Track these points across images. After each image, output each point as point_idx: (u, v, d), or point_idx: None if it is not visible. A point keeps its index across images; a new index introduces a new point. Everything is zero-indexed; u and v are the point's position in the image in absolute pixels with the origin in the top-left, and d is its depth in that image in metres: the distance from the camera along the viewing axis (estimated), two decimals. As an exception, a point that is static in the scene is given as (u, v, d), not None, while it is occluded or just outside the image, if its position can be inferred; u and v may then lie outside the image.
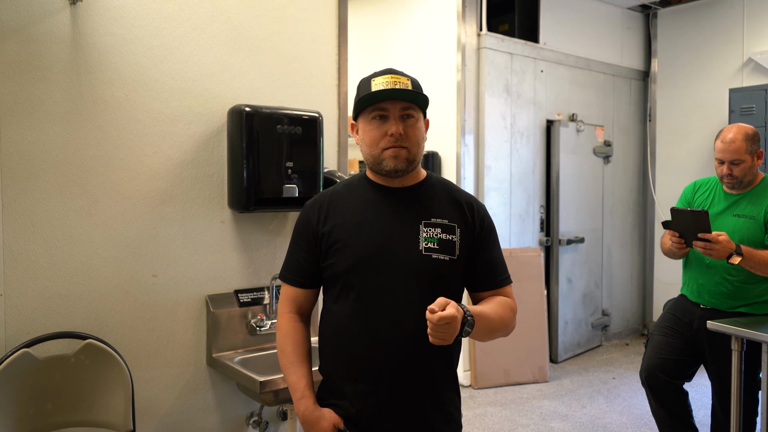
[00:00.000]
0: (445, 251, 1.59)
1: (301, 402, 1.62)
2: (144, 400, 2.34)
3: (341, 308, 1.62)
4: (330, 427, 1.60)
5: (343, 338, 1.61)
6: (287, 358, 1.67)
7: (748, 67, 5.25)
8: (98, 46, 2.22)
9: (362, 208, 1.62)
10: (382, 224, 1.60)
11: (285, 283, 1.72)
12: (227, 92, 2.52)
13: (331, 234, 1.61)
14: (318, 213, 1.65)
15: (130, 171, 2.31)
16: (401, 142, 1.55)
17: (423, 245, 1.58)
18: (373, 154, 1.59)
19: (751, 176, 2.84)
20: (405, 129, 1.56)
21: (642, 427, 3.90)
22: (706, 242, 2.64)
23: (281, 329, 1.70)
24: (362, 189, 1.66)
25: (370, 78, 1.60)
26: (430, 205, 1.63)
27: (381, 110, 1.57)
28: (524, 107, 5.04)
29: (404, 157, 1.57)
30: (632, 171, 6.07)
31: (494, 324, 1.57)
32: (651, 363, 3.01)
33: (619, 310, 5.95)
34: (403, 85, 1.56)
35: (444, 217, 1.62)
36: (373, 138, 1.58)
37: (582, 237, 5.40)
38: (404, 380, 1.57)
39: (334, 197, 1.67)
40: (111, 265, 2.27)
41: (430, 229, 1.59)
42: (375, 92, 1.55)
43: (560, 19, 5.33)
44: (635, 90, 6.06)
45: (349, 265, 1.58)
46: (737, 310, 2.83)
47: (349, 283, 1.59)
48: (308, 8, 2.73)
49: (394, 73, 1.59)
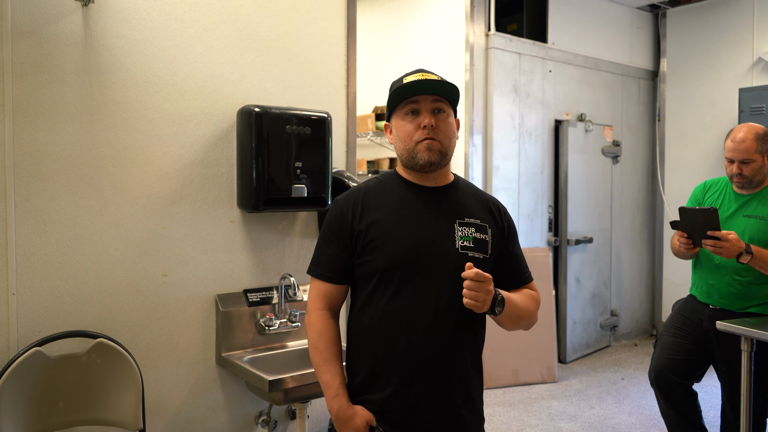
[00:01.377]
0: (479, 250, 1.64)
1: (335, 400, 1.61)
2: (154, 398, 2.36)
3: (377, 305, 1.62)
4: (363, 424, 1.60)
5: (378, 333, 1.62)
6: (321, 355, 1.65)
7: (758, 67, 5.22)
8: (110, 47, 2.24)
9: (398, 206, 1.65)
10: (420, 222, 1.63)
11: (316, 279, 1.70)
12: (237, 93, 2.54)
13: (368, 231, 1.62)
14: (353, 210, 1.66)
15: (140, 171, 2.33)
16: (433, 134, 1.59)
17: (459, 244, 1.62)
18: (407, 148, 1.63)
19: (762, 176, 2.82)
20: (437, 122, 1.61)
21: (651, 428, 3.88)
22: (715, 240, 2.63)
23: (314, 326, 1.68)
24: (396, 187, 1.69)
25: (402, 78, 1.65)
26: (462, 205, 1.68)
27: (413, 103, 1.61)
28: (533, 107, 5.03)
29: (437, 149, 1.61)
30: (641, 171, 6.05)
31: (520, 311, 1.65)
32: (660, 363, 2.99)
33: (628, 311, 5.93)
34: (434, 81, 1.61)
35: (476, 217, 1.67)
36: (407, 132, 1.62)
37: (591, 237, 5.39)
38: (440, 373, 1.60)
39: (368, 194, 1.68)
40: (122, 265, 2.29)
41: (465, 228, 1.64)
42: (407, 83, 1.59)
43: (569, 18, 5.32)
44: (644, 90, 6.03)
45: (388, 263, 1.60)
46: (747, 310, 2.81)
47: (387, 281, 1.60)
48: (318, 9, 2.74)
49: (425, 71, 1.64)
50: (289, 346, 2.61)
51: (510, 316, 1.62)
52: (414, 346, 1.59)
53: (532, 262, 4.63)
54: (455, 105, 1.68)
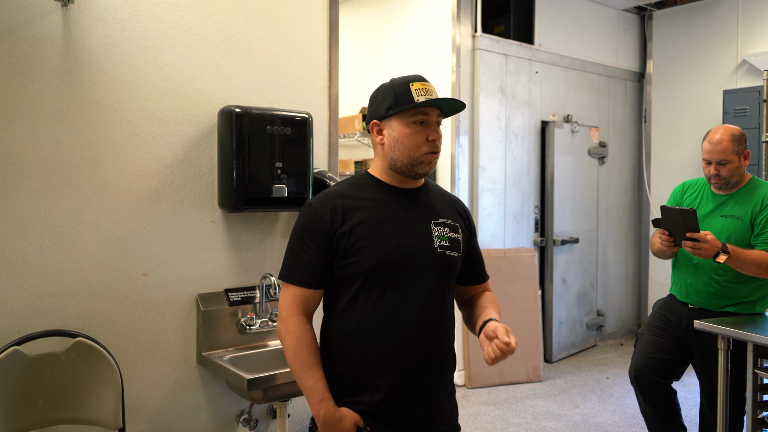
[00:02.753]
0: (454, 249, 1.71)
1: (321, 405, 1.61)
2: (134, 398, 2.37)
3: (363, 306, 1.64)
4: (351, 426, 1.61)
5: (366, 335, 1.63)
6: (302, 361, 1.63)
7: (742, 69, 5.27)
8: (90, 47, 2.25)
9: (377, 208, 1.67)
10: (401, 223, 1.66)
11: (291, 285, 1.67)
12: (218, 93, 2.55)
13: (351, 233, 1.62)
14: (332, 213, 1.64)
15: (120, 171, 2.33)
16: (435, 148, 1.67)
17: (437, 243, 1.68)
18: (411, 156, 1.65)
19: (738, 177, 2.86)
20: (438, 135, 1.69)
21: (634, 426, 3.92)
22: (694, 242, 2.66)
23: (292, 332, 1.65)
24: (371, 189, 1.70)
25: (408, 82, 1.67)
26: (435, 206, 1.75)
27: (424, 114, 1.66)
28: (519, 108, 5.06)
29: (436, 162, 1.70)
30: (627, 172, 6.09)
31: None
32: (640, 362, 3.03)
33: (614, 311, 5.97)
34: (437, 95, 1.69)
35: (448, 218, 1.74)
36: (415, 142, 1.65)
37: (577, 237, 5.43)
38: (425, 371, 1.65)
39: (345, 197, 1.68)
40: (102, 264, 2.30)
41: (441, 228, 1.70)
42: (432, 100, 1.65)
43: (555, 20, 5.36)
44: (630, 91, 6.08)
45: (373, 263, 1.61)
46: (725, 309, 2.85)
47: (373, 281, 1.62)
48: (299, 10, 2.76)
49: (424, 80, 1.70)
50: (270, 345, 2.62)
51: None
52: (404, 346, 1.62)
53: (518, 263, 4.72)
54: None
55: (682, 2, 5.68)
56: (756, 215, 2.78)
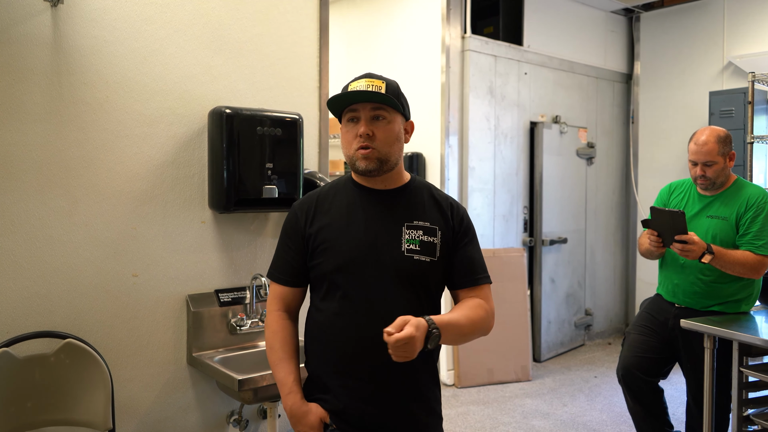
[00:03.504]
0: (426, 253, 1.65)
1: (288, 397, 1.66)
2: (124, 399, 2.36)
3: (328, 306, 1.66)
4: (317, 421, 1.64)
5: (329, 336, 1.66)
6: (276, 354, 1.70)
7: (728, 71, 5.33)
8: (79, 48, 2.25)
9: (348, 210, 1.68)
10: (368, 225, 1.65)
11: (273, 282, 1.76)
12: (208, 94, 2.55)
13: (318, 235, 1.67)
14: (306, 214, 1.71)
15: (110, 172, 2.33)
16: (369, 143, 1.61)
17: (405, 246, 1.64)
18: (348, 155, 1.66)
19: (724, 177, 2.90)
20: (374, 130, 1.61)
21: (621, 425, 3.95)
22: (683, 243, 2.70)
23: (270, 327, 1.73)
24: (348, 191, 1.72)
25: (349, 83, 1.66)
26: (413, 207, 1.69)
27: (353, 111, 1.63)
28: (508, 109, 5.09)
29: (374, 158, 1.62)
30: (615, 172, 6.14)
31: (464, 329, 1.61)
32: (627, 361, 3.06)
33: (602, 310, 6.02)
34: (377, 87, 1.61)
35: (426, 220, 1.68)
36: (347, 139, 1.66)
37: (565, 237, 5.46)
38: (388, 376, 1.62)
39: (320, 198, 1.73)
40: (91, 265, 2.30)
41: (413, 231, 1.65)
42: (341, 94, 1.62)
43: (544, 22, 5.39)
44: (618, 92, 6.13)
45: (335, 265, 1.63)
46: (710, 308, 2.89)
47: (336, 283, 1.64)
48: (290, 11, 2.76)
49: (371, 76, 1.65)
50: (261, 345, 2.62)
51: (452, 337, 1.59)
52: (364, 349, 1.61)
53: (507, 263, 4.74)
54: (403, 109, 1.67)
55: (669, 4, 5.74)
56: (741, 216, 2.81)
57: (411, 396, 1.66)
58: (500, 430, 3.86)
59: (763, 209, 2.78)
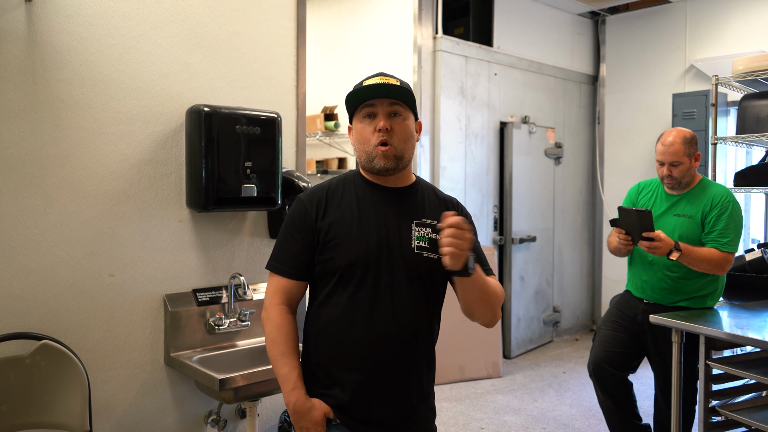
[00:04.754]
0: (434, 250, 1.65)
1: (292, 393, 1.64)
2: (101, 400, 2.33)
3: (338, 301, 1.66)
4: (321, 417, 1.63)
5: (339, 330, 1.65)
6: (279, 349, 1.67)
7: (690, 74, 5.50)
8: (54, 44, 2.21)
9: (358, 205, 1.68)
10: (378, 222, 1.66)
11: (276, 275, 1.72)
12: (185, 92, 2.53)
13: (330, 229, 1.66)
14: (317, 207, 1.69)
15: (86, 170, 2.30)
16: (387, 138, 1.62)
17: (415, 243, 1.66)
18: (366, 151, 1.66)
19: (690, 177, 2.99)
20: (393, 125, 1.63)
21: (590, 419, 4.04)
22: (650, 241, 2.78)
23: (273, 320, 1.69)
24: (358, 186, 1.72)
25: (365, 80, 1.68)
26: (421, 205, 1.72)
27: (370, 107, 1.64)
28: (479, 109, 5.16)
29: (392, 155, 1.64)
30: (582, 172, 6.27)
31: (487, 287, 1.64)
32: (598, 356, 3.14)
33: (570, 307, 6.14)
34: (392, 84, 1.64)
35: (434, 218, 1.69)
36: (364, 135, 1.65)
37: (534, 236, 5.56)
38: (397, 370, 1.64)
39: (330, 192, 1.72)
40: (67, 265, 2.26)
41: (422, 229, 1.67)
42: (360, 88, 1.63)
43: (513, 23, 5.47)
44: (585, 93, 6.26)
45: (348, 261, 1.63)
46: (677, 304, 2.98)
47: (348, 278, 1.64)
48: (267, 10, 2.76)
49: (385, 75, 1.67)
50: (239, 345, 2.62)
51: (479, 285, 1.61)
52: (374, 343, 1.62)
53: (478, 261, 4.78)
54: (414, 108, 1.71)
55: (634, 8, 5.88)
56: (706, 214, 2.91)
57: (415, 392, 1.68)
58: (473, 426, 3.92)
59: (727, 208, 2.89)
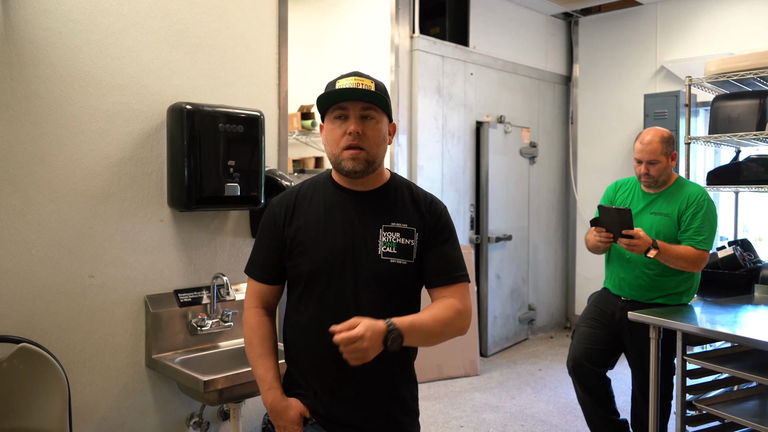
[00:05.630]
0: (402, 255, 1.63)
1: (269, 393, 1.66)
2: (81, 404, 2.28)
3: (305, 308, 1.66)
4: (297, 416, 1.64)
5: (306, 337, 1.65)
6: (255, 350, 1.70)
7: (661, 74, 5.61)
8: (32, 39, 2.15)
9: (326, 211, 1.66)
10: (345, 228, 1.64)
11: (251, 279, 1.75)
12: (166, 89, 2.49)
13: (295, 236, 1.65)
14: (285, 213, 1.68)
15: (65, 169, 2.24)
16: (358, 142, 1.58)
17: (382, 249, 1.63)
18: (334, 153, 1.63)
19: (666, 176, 3.05)
20: (364, 129, 1.59)
21: (567, 415, 4.10)
22: (629, 238, 2.83)
23: (248, 323, 1.73)
24: (327, 191, 1.69)
25: (336, 80, 1.63)
26: (392, 209, 1.67)
27: (342, 109, 1.60)
28: (455, 109, 5.18)
29: (363, 159, 1.60)
30: (555, 171, 6.34)
31: (431, 330, 1.58)
32: (577, 353, 3.18)
33: (544, 305, 6.21)
34: (366, 86, 1.59)
35: (404, 221, 1.66)
36: (333, 137, 1.62)
37: (510, 235, 5.61)
38: (365, 377, 1.62)
39: (299, 197, 1.70)
40: (46, 266, 2.20)
41: (390, 234, 1.64)
42: (332, 91, 1.59)
43: (489, 23, 5.51)
44: (558, 93, 6.33)
45: (311, 269, 1.63)
46: (654, 301, 3.04)
47: (312, 285, 1.64)
48: (249, 7, 2.73)
49: (359, 75, 1.63)
50: (222, 346, 2.59)
51: (419, 338, 1.56)
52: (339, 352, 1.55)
53: (455, 259, 4.81)
54: (388, 111, 1.66)
55: (606, 10, 5.98)
56: (682, 213, 2.98)
57: (389, 397, 1.67)
58: (452, 424, 3.93)
59: (702, 206, 2.95)
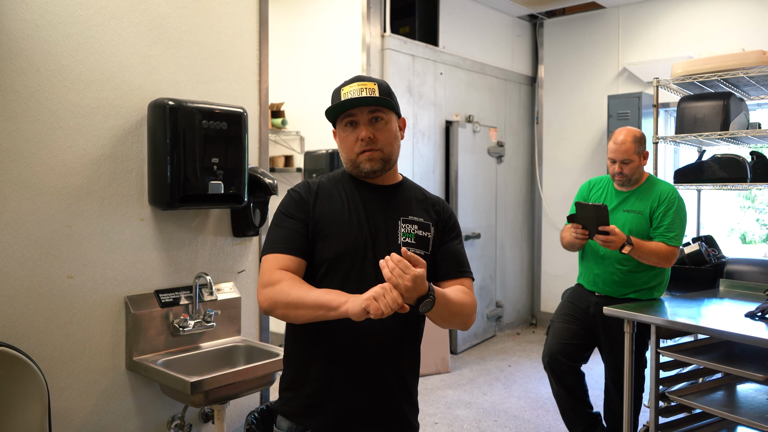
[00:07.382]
0: (420, 246, 1.69)
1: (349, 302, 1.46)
2: (60, 408, 2.21)
3: None
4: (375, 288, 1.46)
5: (323, 322, 1.59)
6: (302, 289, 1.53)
7: (623, 76, 5.76)
8: (7, 31, 2.07)
9: (347, 201, 1.69)
10: (367, 217, 1.67)
11: (274, 253, 1.61)
12: (147, 85, 2.43)
13: (320, 220, 1.66)
14: (314, 195, 1.69)
15: (42, 166, 2.17)
16: (372, 146, 1.64)
17: (401, 240, 1.67)
18: (350, 159, 1.68)
19: (638, 175, 3.14)
20: (375, 132, 1.64)
21: (538, 409, 4.17)
22: (606, 235, 2.90)
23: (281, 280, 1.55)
24: (346, 183, 1.73)
25: (340, 88, 1.68)
26: (408, 203, 1.74)
27: (350, 116, 1.66)
28: (425, 108, 5.21)
29: (379, 158, 1.66)
30: (522, 170, 6.44)
31: (453, 307, 1.59)
32: (553, 348, 3.24)
33: (511, 302, 6.31)
34: (370, 91, 1.64)
35: (420, 216, 1.73)
36: (347, 144, 1.67)
37: (478, 233, 5.67)
38: (380, 365, 1.64)
39: (320, 187, 1.72)
40: (22, 267, 2.13)
41: (408, 225, 1.70)
42: (339, 103, 1.64)
43: (458, 24, 5.56)
44: (524, 94, 6.44)
45: (335, 253, 1.63)
46: (627, 296, 3.12)
47: (334, 270, 1.63)
48: (230, 3, 2.69)
49: (362, 80, 1.66)
50: (204, 347, 2.54)
51: (440, 313, 1.56)
52: (359, 337, 1.62)
53: (426, 258, 4.84)
54: (396, 109, 1.71)
55: (570, 12, 6.10)
56: (654, 210, 3.07)
57: (397, 387, 1.68)
58: (427, 421, 3.96)
59: (673, 204, 3.05)
